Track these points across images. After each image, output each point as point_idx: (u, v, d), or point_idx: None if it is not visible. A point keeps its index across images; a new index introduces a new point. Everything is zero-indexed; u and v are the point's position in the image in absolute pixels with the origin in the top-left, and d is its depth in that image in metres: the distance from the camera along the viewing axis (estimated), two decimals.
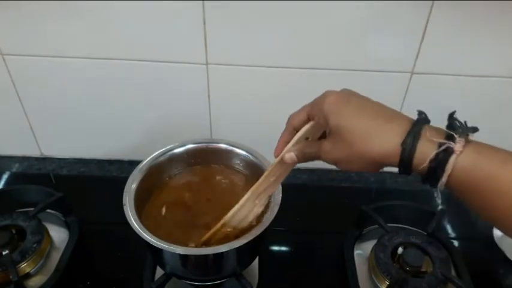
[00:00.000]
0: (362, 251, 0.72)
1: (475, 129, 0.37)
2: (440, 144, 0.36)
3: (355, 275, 0.67)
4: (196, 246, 0.56)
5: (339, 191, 0.87)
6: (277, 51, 0.72)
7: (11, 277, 0.61)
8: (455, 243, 0.76)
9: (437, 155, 0.36)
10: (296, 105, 0.51)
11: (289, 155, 0.46)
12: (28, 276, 0.66)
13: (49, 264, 0.68)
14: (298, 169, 0.89)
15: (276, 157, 0.48)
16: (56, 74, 0.77)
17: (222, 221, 0.55)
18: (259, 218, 0.56)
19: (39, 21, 0.70)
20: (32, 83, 0.79)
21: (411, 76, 0.74)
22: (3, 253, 0.65)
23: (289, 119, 0.47)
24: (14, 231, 0.69)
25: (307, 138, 0.46)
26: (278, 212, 0.56)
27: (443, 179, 0.36)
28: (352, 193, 0.86)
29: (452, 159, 0.35)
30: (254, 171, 0.64)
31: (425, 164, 0.36)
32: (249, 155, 0.65)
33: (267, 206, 0.58)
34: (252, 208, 0.54)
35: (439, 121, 0.41)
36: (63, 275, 0.66)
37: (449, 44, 0.70)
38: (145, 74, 0.76)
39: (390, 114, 0.40)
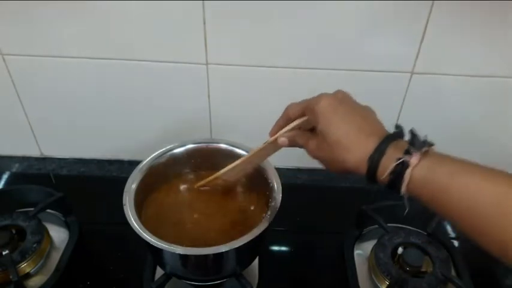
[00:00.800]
0: (362, 251, 0.73)
1: (431, 144, 0.40)
2: (398, 159, 0.40)
3: (355, 275, 0.67)
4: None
5: (339, 191, 0.87)
6: (277, 51, 0.72)
7: (11, 277, 0.61)
8: (455, 243, 0.76)
9: (395, 167, 0.40)
10: None
11: (283, 139, 0.52)
12: (28, 276, 0.66)
13: (49, 264, 0.68)
14: (298, 169, 0.89)
15: (271, 137, 0.54)
16: (56, 74, 0.77)
17: (215, 175, 0.61)
18: (257, 210, 0.62)
19: (39, 21, 0.70)
20: (32, 83, 0.79)
21: (411, 76, 0.74)
22: (3, 253, 0.65)
23: (287, 108, 0.52)
24: (14, 231, 0.69)
25: (300, 128, 0.51)
26: (278, 212, 0.56)
27: (403, 189, 0.41)
28: (352, 193, 0.86)
29: (407, 172, 0.40)
30: (254, 170, 0.64)
31: (386, 175, 0.41)
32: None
33: (266, 206, 0.58)
34: (240, 170, 0.61)
35: (439, 121, 0.42)
36: (63, 275, 0.66)
37: (449, 44, 0.70)
38: (145, 74, 0.76)
39: (370, 129, 0.44)
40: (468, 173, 0.38)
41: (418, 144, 0.40)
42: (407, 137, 0.43)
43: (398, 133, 0.44)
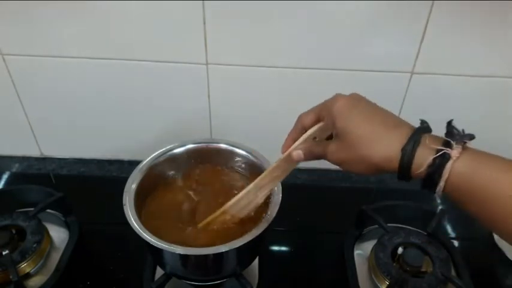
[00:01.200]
0: (362, 251, 0.73)
1: (472, 137, 0.38)
2: (437, 151, 0.37)
3: (355, 275, 0.67)
4: (193, 229, 0.58)
5: (339, 191, 0.87)
6: (277, 51, 0.72)
7: (11, 277, 0.61)
8: (455, 243, 0.76)
9: (434, 160, 0.37)
10: (296, 105, 0.51)
11: (297, 152, 0.48)
12: (28, 276, 0.66)
13: (49, 264, 0.68)
14: (298, 169, 0.88)
15: (283, 153, 0.50)
16: (56, 74, 0.77)
17: (222, 208, 0.56)
18: (257, 210, 0.57)
19: (39, 21, 0.70)
20: (32, 83, 0.79)
21: (411, 76, 0.74)
22: (3, 253, 0.65)
23: (298, 118, 0.49)
24: (14, 231, 0.69)
25: (314, 138, 0.48)
26: (278, 212, 0.56)
27: (441, 184, 0.37)
28: (352, 193, 0.86)
29: (449, 165, 0.37)
30: (254, 171, 0.64)
31: (423, 169, 0.38)
32: (249, 155, 0.65)
33: (266, 206, 0.58)
34: (253, 199, 0.55)
35: (439, 121, 0.42)
36: (63, 275, 0.66)
37: (449, 44, 0.70)
38: (145, 74, 0.76)
39: (394, 122, 0.42)
40: None
41: (457, 136, 0.38)
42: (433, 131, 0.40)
43: (427, 127, 0.41)
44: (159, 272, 0.66)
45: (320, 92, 0.49)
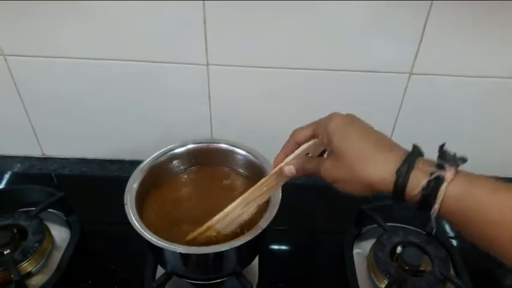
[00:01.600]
0: (361, 250, 0.73)
1: (464, 160, 0.38)
2: (431, 173, 0.37)
3: (355, 274, 0.68)
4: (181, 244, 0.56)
5: (339, 190, 0.86)
6: (277, 52, 0.73)
7: (12, 276, 0.62)
8: (454, 242, 0.76)
9: (428, 183, 0.37)
10: (296, 105, 0.51)
11: (289, 167, 0.47)
12: (29, 275, 0.66)
13: (50, 263, 0.69)
14: None
15: (275, 167, 0.49)
16: (57, 74, 0.77)
17: (207, 224, 0.55)
18: (257, 210, 0.55)
19: (41, 22, 0.70)
20: (34, 83, 0.79)
21: (410, 77, 0.74)
22: (5, 252, 0.66)
23: (293, 133, 0.49)
24: (15, 231, 0.69)
25: (307, 154, 0.47)
26: (278, 212, 0.56)
27: (436, 206, 0.37)
28: None
29: (443, 187, 0.37)
30: (254, 171, 0.65)
31: (418, 191, 0.38)
32: (249, 154, 0.66)
33: (266, 207, 0.58)
34: (239, 215, 0.54)
35: (438, 122, 0.42)
36: (65, 274, 0.66)
37: (448, 44, 0.70)
38: (145, 74, 0.76)
39: (390, 145, 0.42)
40: (507, 189, 0.36)
41: (450, 158, 0.38)
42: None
43: (420, 151, 0.41)
44: (160, 271, 0.67)
45: (320, 92, 0.49)
